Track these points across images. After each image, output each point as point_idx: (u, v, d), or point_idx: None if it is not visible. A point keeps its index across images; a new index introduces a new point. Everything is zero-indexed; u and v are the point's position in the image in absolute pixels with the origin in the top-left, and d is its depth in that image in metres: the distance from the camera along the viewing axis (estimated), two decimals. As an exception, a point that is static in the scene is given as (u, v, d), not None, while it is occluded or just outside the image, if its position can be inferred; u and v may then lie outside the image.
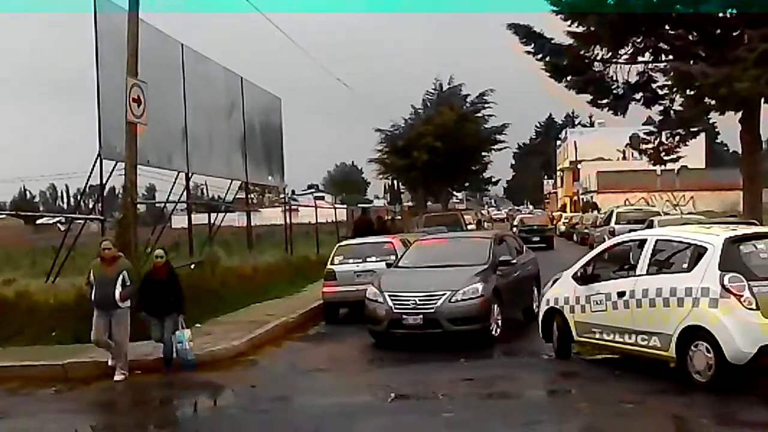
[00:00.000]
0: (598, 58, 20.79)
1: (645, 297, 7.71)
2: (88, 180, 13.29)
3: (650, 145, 23.88)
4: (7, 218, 53.64)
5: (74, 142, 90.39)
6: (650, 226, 17.34)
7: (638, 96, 21.32)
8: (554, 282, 9.59)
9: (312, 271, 18.53)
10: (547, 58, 21.00)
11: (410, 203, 61.73)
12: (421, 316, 10.10)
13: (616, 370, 8.31)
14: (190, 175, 16.61)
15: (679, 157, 24.53)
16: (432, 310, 10.07)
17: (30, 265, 19.37)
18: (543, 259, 15.64)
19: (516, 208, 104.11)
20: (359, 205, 49.58)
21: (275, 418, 7.53)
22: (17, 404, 8.38)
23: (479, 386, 8.07)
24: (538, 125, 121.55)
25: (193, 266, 15.01)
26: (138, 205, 13.33)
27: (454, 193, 61.54)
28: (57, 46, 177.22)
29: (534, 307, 11.89)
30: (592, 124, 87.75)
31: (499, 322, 10.63)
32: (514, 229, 34.40)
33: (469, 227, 28.72)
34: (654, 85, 21.08)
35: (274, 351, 10.67)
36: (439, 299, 10.10)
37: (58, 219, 56.29)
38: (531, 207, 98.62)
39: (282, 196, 32.89)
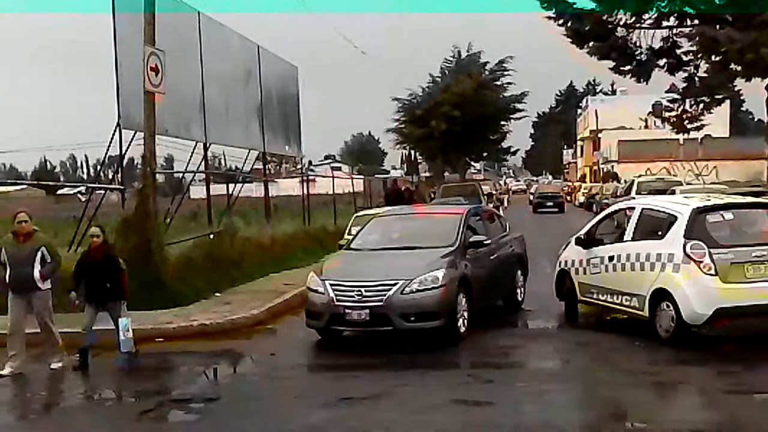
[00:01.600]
0: (622, 23, 20.52)
1: (628, 261, 8.76)
2: (107, 150, 13.44)
3: (673, 113, 23.64)
4: (29, 189, 54.27)
5: (94, 111, 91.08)
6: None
7: (662, 62, 21.07)
8: (566, 246, 10.49)
9: (329, 242, 18.65)
10: (569, 24, 20.75)
11: (427, 174, 61.62)
12: (367, 310, 8.39)
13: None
14: (207, 144, 16.72)
15: (703, 125, 24.25)
16: (381, 303, 8.36)
17: (52, 235, 19.59)
18: (555, 222, 15.65)
19: (534, 178, 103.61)
20: (386, 176, 49.57)
21: (295, 385, 7.67)
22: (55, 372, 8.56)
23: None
24: (559, 93, 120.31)
25: (212, 236, 15.15)
26: (156, 176, 13.44)
27: (472, 163, 61.32)
28: (76, 14, 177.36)
29: (519, 293, 10.91)
30: (614, 92, 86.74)
31: (466, 315, 8.93)
32: (531, 196, 34.80)
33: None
34: (678, 51, 20.81)
35: (293, 320, 10.80)
36: (389, 289, 8.38)
37: (78, 189, 56.91)
38: (550, 177, 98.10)
39: (299, 166, 32.99)
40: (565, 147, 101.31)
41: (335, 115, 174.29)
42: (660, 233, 8.41)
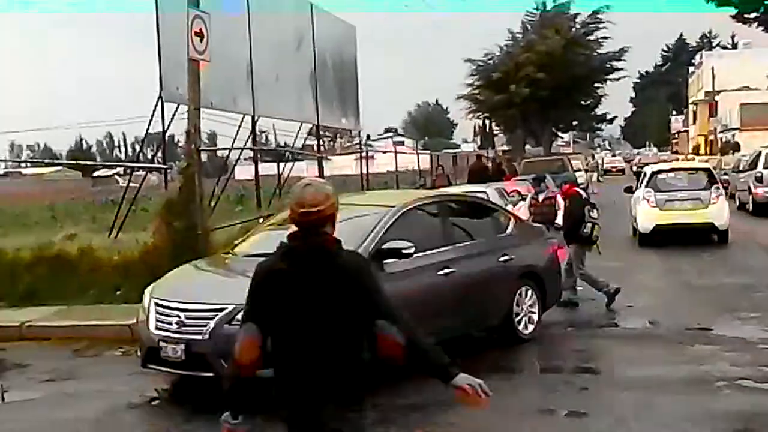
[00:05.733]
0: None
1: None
2: (149, 125, 14.23)
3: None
4: (64, 170, 56.83)
5: (133, 84, 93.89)
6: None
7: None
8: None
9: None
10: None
11: (505, 147, 61.44)
12: (183, 345, 6.98)
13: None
14: (256, 118, 17.39)
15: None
16: (200, 337, 6.88)
17: (90, 220, 20.74)
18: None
19: (635, 151, 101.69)
20: (456, 150, 49.76)
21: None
22: (84, 365, 9.31)
23: None
24: (666, 49, 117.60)
25: (261, 220, 15.83)
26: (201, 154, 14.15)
27: (559, 134, 60.84)
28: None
29: (521, 322, 8.98)
30: (734, 46, 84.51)
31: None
32: (633, 168, 33.85)
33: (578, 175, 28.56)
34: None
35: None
36: (214, 317, 6.87)
37: (116, 171, 59.16)
38: (654, 149, 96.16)
39: (356, 141, 33.59)
40: (674, 113, 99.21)
41: (397, 81, 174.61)
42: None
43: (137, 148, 62.94)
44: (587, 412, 6.78)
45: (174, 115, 14.06)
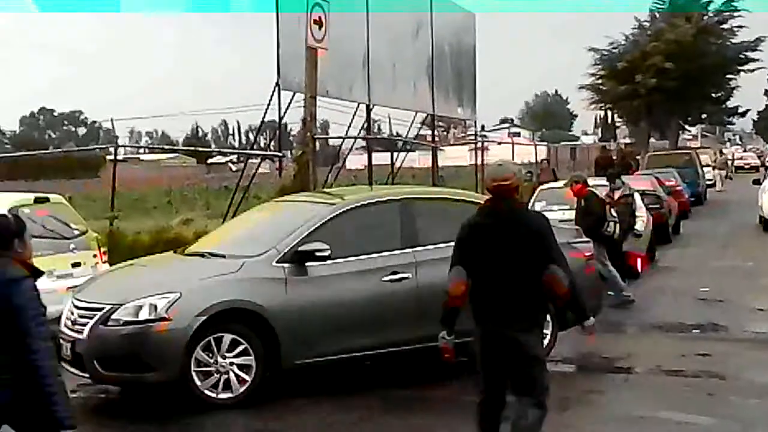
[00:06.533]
0: None
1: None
2: (265, 113, 14.63)
3: None
4: (181, 156, 59.18)
5: (248, 73, 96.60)
6: None
7: None
8: None
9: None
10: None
11: (627, 140, 59.90)
12: (69, 344, 7.04)
13: None
14: (371, 106, 17.60)
15: None
16: (81, 337, 6.97)
17: (205, 206, 21.58)
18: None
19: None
20: (575, 143, 49.05)
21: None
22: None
23: None
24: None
25: (374, 211, 16.06)
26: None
27: (686, 127, 58.80)
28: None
29: None
30: None
31: (246, 376, 6.89)
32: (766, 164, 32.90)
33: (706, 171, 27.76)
34: None
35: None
36: (92, 318, 6.95)
37: (229, 159, 61.18)
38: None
39: (470, 131, 33.46)
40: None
41: (516, 70, 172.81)
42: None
43: (251, 136, 64.78)
44: (714, 418, 6.57)
45: (290, 103, 14.41)
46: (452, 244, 5.93)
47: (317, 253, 7.22)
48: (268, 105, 14.01)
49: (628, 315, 10.55)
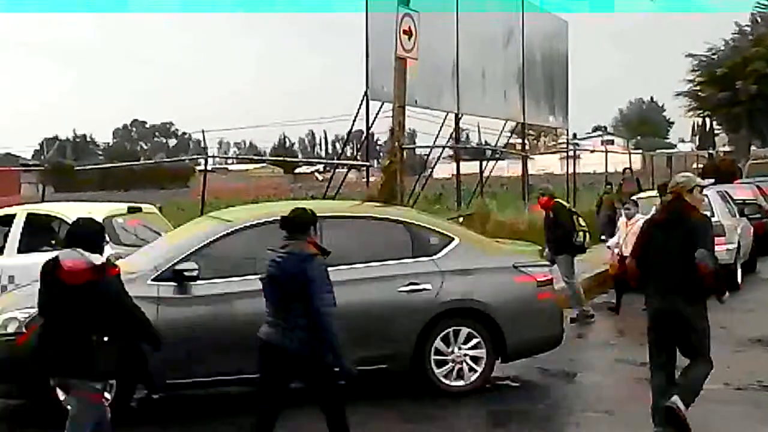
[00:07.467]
0: None
1: None
2: (353, 122, 14.93)
3: None
4: (268, 166, 60.32)
5: (333, 84, 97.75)
6: None
7: None
8: None
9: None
10: None
11: (726, 147, 58.19)
12: None
13: None
14: (459, 115, 17.71)
15: None
16: None
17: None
18: None
19: None
20: (671, 151, 47.97)
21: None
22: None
23: None
24: None
25: (461, 219, 16.15)
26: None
27: (790, 135, 56.88)
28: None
29: (436, 367, 7.52)
30: None
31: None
32: None
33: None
34: None
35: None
36: None
37: (315, 168, 62.19)
38: None
39: (561, 139, 33.20)
40: None
41: (609, 77, 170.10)
42: None
43: (338, 146, 65.44)
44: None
45: (378, 113, 14.66)
46: (373, 266, 7.26)
47: (185, 273, 7.08)
48: (356, 114, 14.30)
49: (726, 327, 10.33)
